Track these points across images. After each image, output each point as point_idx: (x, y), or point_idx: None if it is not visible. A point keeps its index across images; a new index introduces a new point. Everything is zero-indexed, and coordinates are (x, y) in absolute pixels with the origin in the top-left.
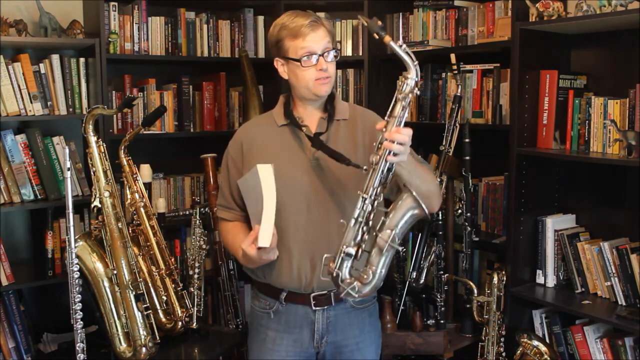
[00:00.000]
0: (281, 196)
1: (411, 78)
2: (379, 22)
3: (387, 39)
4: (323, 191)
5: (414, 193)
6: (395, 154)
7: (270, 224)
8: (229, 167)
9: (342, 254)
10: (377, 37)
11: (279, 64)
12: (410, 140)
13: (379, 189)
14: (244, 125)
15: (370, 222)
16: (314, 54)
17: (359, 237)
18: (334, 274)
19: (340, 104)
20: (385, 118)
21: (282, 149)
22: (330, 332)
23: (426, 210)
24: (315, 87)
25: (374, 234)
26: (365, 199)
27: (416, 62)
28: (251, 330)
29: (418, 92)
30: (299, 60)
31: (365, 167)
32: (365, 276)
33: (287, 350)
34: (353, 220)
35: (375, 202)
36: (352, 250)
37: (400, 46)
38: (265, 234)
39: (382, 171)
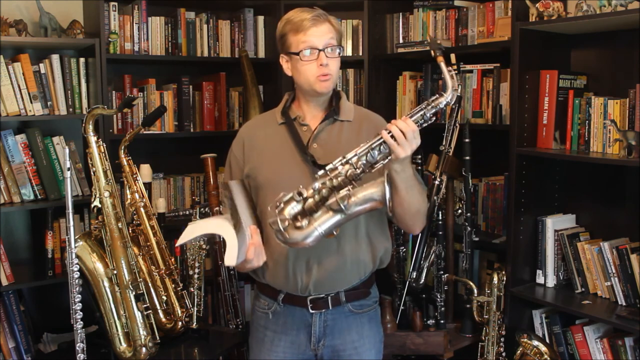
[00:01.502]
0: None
1: (445, 97)
2: (439, 42)
3: (440, 59)
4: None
5: (386, 185)
6: (393, 137)
7: (233, 247)
8: (232, 164)
9: (294, 192)
10: (433, 54)
11: (283, 60)
12: (413, 139)
13: (362, 162)
14: (247, 123)
15: (335, 182)
16: (315, 48)
17: (317, 186)
18: (277, 204)
19: (346, 105)
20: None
21: (281, 148)
22: (328, 335)
23: (387, 205)
24: (316, 84)
25: (333, 194)
26: (343, 159)
27: (457, 90)
28: (252, 330)
29: (442, 106)
30: (298, 54)
31: (362, 145)
32: (301, 221)
33: (285, 352)
34: (322, 171)
35: (350, 171)
36: (305, 193)
37: (449, 71)
38: (230, 254)
39: (373, 145)
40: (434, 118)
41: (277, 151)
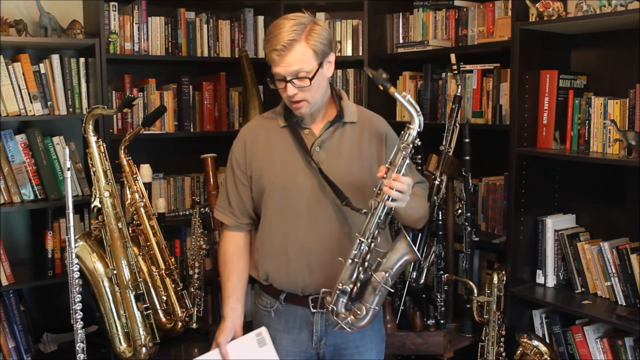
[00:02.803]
0: (282, 199)
1: (414, 129)
2: (384, 75)
3: (392, 90)
4: (325, 196)
5: (409, 240)
6: (393, 200)
7: None
8: (234, 168)
9: (337, 291)
10: (382, 88)
11: None
12: (409, 189)
13: (376, 232)
14: (247, 124)
15: (367, 263)
16: (282, 79)
17: (354, 276)
18: (330, 309)
19: (349, 107)
20: (386, 165)
21: (285, 151)
22: (330, 334)
23: (418, 256)
24: (291, 107)
25: (369, 273)
26: (362, 242)
27: (420, 113)
28: (254, 328)
29: (419, 143)
30: (272, 81)
31: (364, 210)
32: (359, 312)
33: (287, 350)
34: (350, 261)
35: (372, 244)
36: (348, 288)
37: (405, 97)
38: None
39: (380, 216)
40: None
41: (281, 155)
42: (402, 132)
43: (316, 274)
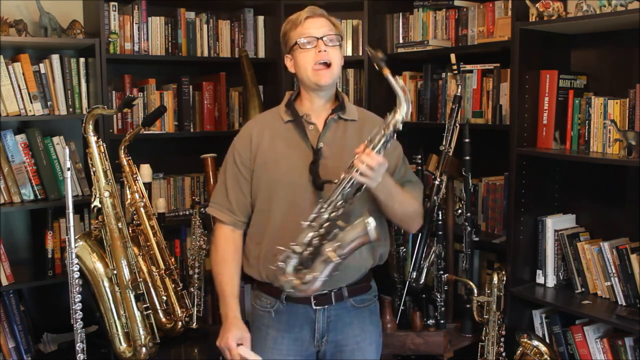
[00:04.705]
0: (286, 195)
1: (400, 113)
2: (380, 55)
3: (386, 71)
4: (328, 191)
5: (368, 221)
6: (362, 174)
7: None
8: (236, 162)
9: (289, 250)
10: (377, 67)
11: (287, 60)
12: (380, 168)
13: (339, 202)
14: (252, 120)
15: (323, 230)
16: (313, 37)
17: (308, 239)
18: (278, 266)
19: (350, 105)
20: (365, 142)
21: (289, 146)
22: (331, 331)
23: (371, 239)
24: (314, 75)
25: (323, 242)
26: (323, 208)
27: (409, 100)
28: (252, 329)
29: (400, 128)
30: (297, 43)
31: (336, 181)
32: (305, 277)
33: (288, 349)
34: (307, 224)
35: (333, 214)
36: (299, 249)
37: (397, 81)
38: None
39: (345, 187)
40: (396, 134)
41: (285, 150)
42: (388, 113)
43: None
